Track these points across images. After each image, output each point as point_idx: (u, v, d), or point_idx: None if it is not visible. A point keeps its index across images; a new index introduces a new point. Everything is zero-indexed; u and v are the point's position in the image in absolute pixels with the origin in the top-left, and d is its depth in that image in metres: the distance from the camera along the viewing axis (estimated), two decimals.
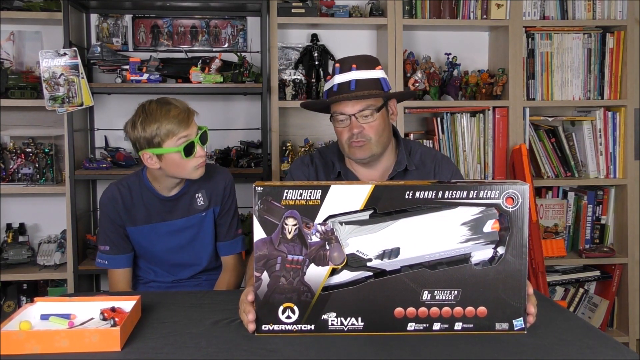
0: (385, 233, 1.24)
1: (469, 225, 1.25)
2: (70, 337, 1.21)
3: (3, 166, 2.77)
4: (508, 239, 1.26)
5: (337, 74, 1.78)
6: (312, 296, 1.26)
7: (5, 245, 2.80)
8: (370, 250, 1.25)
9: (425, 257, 1.25)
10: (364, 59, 1.83)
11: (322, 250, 1.24)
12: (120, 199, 1.96)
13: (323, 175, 1.90)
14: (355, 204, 1.24)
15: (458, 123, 2.87)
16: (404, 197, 1.24)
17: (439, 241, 1.25)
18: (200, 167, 1.88)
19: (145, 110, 1.84)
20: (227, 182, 2.05)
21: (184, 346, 1.24)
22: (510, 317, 1.27)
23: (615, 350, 1.22)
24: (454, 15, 2.85)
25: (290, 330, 1.26)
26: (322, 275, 1.25)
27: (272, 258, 1.25)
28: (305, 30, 2.99)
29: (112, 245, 1.98)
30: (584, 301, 3.01)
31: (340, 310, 1.26)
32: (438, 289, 1.25)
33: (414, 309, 1.26)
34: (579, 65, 2.93)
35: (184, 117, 1.83)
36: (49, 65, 2.57)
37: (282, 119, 2.88)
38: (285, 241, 1.24)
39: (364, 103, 1.75)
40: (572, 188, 3.05)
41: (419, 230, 1.25)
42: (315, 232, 1.24)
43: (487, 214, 1.25)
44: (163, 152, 1.82)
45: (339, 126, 1.79)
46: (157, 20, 2.93)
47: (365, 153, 1.78)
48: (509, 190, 1.26)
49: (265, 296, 1.26)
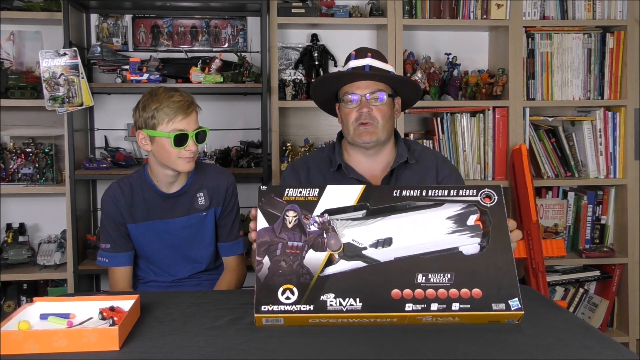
0: (378, 226, 1.35)
1: (453, 219, 1.36)
2: (68, 336, 1.20)
3: (3, 166, 2.77)
4: (491, 231, 1.35)
5: (352, 59, 1.84)
6: (311, 278, 1.30)
7: (5, 245, 2.80)
8: (364, 239, 1.33)
9: (416, 247, 1.33)
10: (378, 52, 1.89)
11: (320, 238, 1.34)
12: (121, 197, 1.97)
13: (318, 174, 1.90)
14: (349, 200, 1.37)
15: (458, 123, 2.87)
16: (392, 195, 1.38)
17: (427, 232, 1.35)
18: (187, 161, 1.88)
19: (152, 92, 1.88)
20: (230, 183, 2.05)
21: (183, 345, 1.24)
22: (506, 297, 1.30)
23: (614, 350, 1.22)
24: (454, 15, 2.85)
25: (289, 311, 1.26)
26: (321, 260, 1.32)
27: (274, 244, 1.33)
28: (305, 30, 2.99)
29: (113, 243, 1.99)
30: (584, 301, 3.00)
31: (339, 291, 1.29)
32: (432, 273, 1.31)
33: (410, 290, 1.29)
34: (579, 65, 2.93)
35: (184, 106, 1.84)
36: (49, 65, 2.57)
37: (282, 119, 2.89)
38: (286, 230, 1.34)
39: (376, 86, 1.80)
40: (572, 188, 3.04)
41: (408, 225, 1.35)
42: (314, 223, 1.34)
43: (469, 210, 1.37)
44: (155, 134, 1.84)
45: (347, 107, 1.82)
46: (157, 20, 2.93)
47: (372, 137, 1.81)
48: (485, 190, 1.40)
49: (265, 278, 1.30)
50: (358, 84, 1.81)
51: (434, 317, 1.29)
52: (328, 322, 1.29)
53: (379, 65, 1.83)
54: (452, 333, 1.28)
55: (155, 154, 1.89)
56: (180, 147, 1.84)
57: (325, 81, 1.92)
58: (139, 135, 1.89)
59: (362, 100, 1.80)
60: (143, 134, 1.88)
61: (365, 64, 1.81)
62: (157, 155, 1.89)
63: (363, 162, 1.88)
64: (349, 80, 1.82)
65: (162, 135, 1.84)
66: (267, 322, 1.29)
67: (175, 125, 1.83)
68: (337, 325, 1.30)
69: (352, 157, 1.89)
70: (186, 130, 1.85)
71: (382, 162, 1.89)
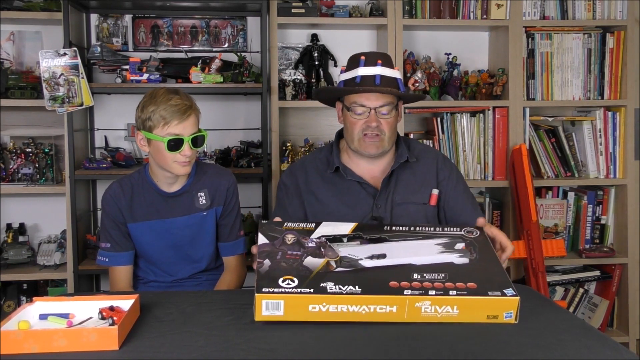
0: (372, 246, 1.45)
1: (442, 245, 1.47)
2: (68, 336, 1.21)
3: (3, 166, 2.77)
4: (478, 251, 1.46)
5: (361, 66, 1.80)
6: (311, 273, 1.34)
7: (5, 245, 2.80)
8: (359, 254, 1.41)
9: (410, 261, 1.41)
10: (387, 57, 1.86)
11: (317, 250, 1.42)
12: (122, 196, 1.98)
13: (316, 176, 1.89)
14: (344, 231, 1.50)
15: (458, 123, 2.87)
16: (383, 229, 1.52)
17: (419, 252, 1.44)
18: (182, 165, 1.88)
19: (152, 93, 1.88)
20: (231, 184, 2.05)
21: (182, 345, 1.24)
22: (501, 287, 1.35)
23: (614, 350, 1.22)
24: (454, 15, 2.85)
25: (290, 292, 1.28)
26: (319, 263, 1.37)
27: (274, 252, 1.40)
28: (305, 30, 2.99)
29: (113, 242, 1.99)
30: (584, 301, 3.00)
31: (338, 280, 1.33)
32: (427, 273, 1.37)
33: (408, 282, 1.34)
34: (579, 65, 2.93)
35: (180, 110, 1.83)
36: (49, 65, 2.57)
37: (282, 119, 2.89)
38: (285, 245, 1.42)
39: (386, 99, 1.79)
40: (572, 188, 3.04)
41: (401, 247, 1.46)
42: (311, 242, 1.44)
43: (456, 240, 1.49)
44: (151, 137, 1.85)
45: (356, 117, 1.81)
46: (157, 20, 2.93)
47: (378, 149, 1.81)
48: (467, 227, 1.54)
49: (266, 272, 1.34)
50: (368, 96, 1.78)
51: (432, 305, 1.30)
52: (328, 312, 1.29)
53: (389, 73, 1.80)
54: (452, 333, 1.28)
55: (152, 155, 1.91)
56: (175, 152, 1.84)
57: (335, 91, 1.92)
58: (138, 136, 1.90)
59: (371, 113, 1.78)
60: (141, 135, 1.89)
61: (376, 74, 1.78)
62: (154, 158, 1.90)
63: (363, 164, 1.88)
64: (360, 92, 1.79)
65: (157, 139, 1.83)
66: (267, 310, 1.28)
67: (170, 130, 1.82)
68: (337, 320, 1.30)
69: (352, 159, 1.89)
70: (182, 135, 1.83)
71: (383, 163, 1.89)
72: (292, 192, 1.90)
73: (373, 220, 1.81)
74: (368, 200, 1.83)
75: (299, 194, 1.89)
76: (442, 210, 1.87)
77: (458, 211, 1.86)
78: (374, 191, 1.84)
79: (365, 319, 1.30)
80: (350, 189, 1.85)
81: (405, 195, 1.84)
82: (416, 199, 1.85)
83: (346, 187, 1.86)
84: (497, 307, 1.33)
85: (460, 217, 1.85)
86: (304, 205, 1.88)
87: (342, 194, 1.85)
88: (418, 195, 1.86)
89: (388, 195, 1.83)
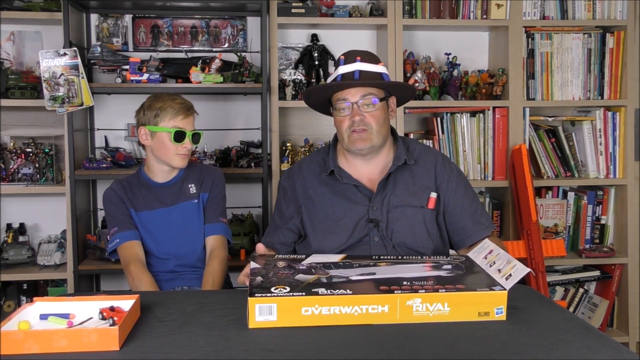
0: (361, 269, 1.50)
1: (429, 266, 1.54)
2: (68, 336, 1.20)
3: (3, 166, 2.77)
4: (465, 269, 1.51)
5: (341, 64, 1.81)
6: (302, 283, 1.38)
7: (5, 245, 2.80)
8: (349, 274, 1.45)
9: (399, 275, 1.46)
10: (368, 54, 1.86)
11: (308, 270, 1.48)
12: (122, 190, 2.14)
13: (313, 178, 1.89)
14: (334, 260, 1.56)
15: (458, 123, 2.87)
16: (371, 258, 1.58)
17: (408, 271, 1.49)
18: (182, 158, 2.10)
19: (156, 95, 2.13)
20: (217, 176, 2.21)
21: (183, 345, 1.24)
22: (490, 285, 1.39)
23: (614, 350, 1.22)
24: (454, 15, 2.85)
25: (282, 295, 1.31)
26: (311, 277, 1.42)
27: (266, 272, 1.46)
28: (305, 30, 2.99)
29: (120, 224, 2.11)
30: (584, 301, 3.00)
31: (330, 286, 1.36)
32: (416, 281, 1.41)
33: (398, 287, 1.36)
34: (578, 65, 2.93)
35: (185, 108, 2.09)
36: (49, 65, 2.57)
37: (282, 119, 2.89)
38: (276, 268, 1.49)
39: (367, 90, 1.78)
40: (572, 188, 3.05)
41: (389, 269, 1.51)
42: (302, 266, 1.50)
43: (442, 263, 1.56)
44: (157, 129, 2.06)
45: (340, 115, 1.81)
46: (157, 20, 2.93)
47: (366, 143, 1.79)
48: (450, 258, 1.60)
49: (258, 284, 1.38)
50: (348, 91, 1.78)
51: (423, 303, 1.32)
52: (321, 315, 1.30)
53: (369, 68, 1.79)
54: (452, 333, 1.28)
55: (153, 149, 2.10)
56: (178, 143, 2.07)
57: (317, 91, 1.92)
58: (141, 131, 2.10)
59: (354, 107, 1.78)
60: (145, 130, 2.09)
61: (354, 69, 1.78)
62: (156, 151, 2.10)
63: (360, 166, 1.87)
64: (338, 89, 1.80)
65: (163, 130, 2.06)
66: (260, 315, 1.29)
67: (176, 123, 2.07)
68: (330, 324, 1.30)
69: (349, 161, 1.88)
70: (185, 129, 2.08)
71: (380, 164, 1.87)
72: (290, 196, 1.92)
73: (369, 222, 1.80)
74: (364, 203, 1.82)
75: (296, 198, 1.90)
76: (440, 214, 1.86)
77: (456, 217, 1.85)
78: (370, 193, 1.83)
79: (358, 321, 1.31)
80: (346, 191, 1.85)
81: (403, 197, 1.82)
82: (414, 201, 1.83)
83: (342, 189, 1.85)
84: (486, 302, 1.34)
85: (459, 222, 1.84)
86: (300, 210, 1.88)
87: (338, 196, 1.85)
88: (416, 198, 1.83)
89: (384, 197, 1.82)
